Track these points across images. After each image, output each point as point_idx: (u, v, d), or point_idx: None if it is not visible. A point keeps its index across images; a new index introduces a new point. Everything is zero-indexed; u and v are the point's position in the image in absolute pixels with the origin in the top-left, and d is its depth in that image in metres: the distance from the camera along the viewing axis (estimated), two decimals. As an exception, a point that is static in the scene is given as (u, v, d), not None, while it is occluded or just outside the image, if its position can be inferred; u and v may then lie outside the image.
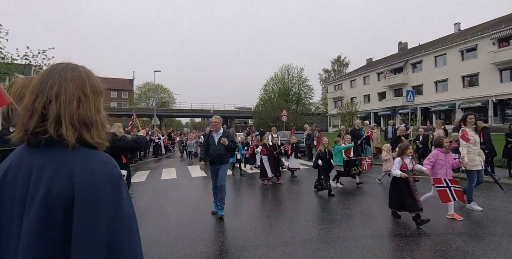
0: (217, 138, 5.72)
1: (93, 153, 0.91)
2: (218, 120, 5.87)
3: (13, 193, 0.86)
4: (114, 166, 0.91)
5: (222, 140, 5.58)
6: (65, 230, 0.79)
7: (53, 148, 0.88)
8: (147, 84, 64.10)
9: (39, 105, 0.89)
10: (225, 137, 5.66)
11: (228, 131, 6.05)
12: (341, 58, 62.21)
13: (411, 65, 37.59)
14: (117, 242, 0.83)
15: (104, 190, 0.84)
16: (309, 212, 6.00)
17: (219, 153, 5.63)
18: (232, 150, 5.93)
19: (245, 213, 6.09)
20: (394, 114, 37.37)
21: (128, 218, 0.88)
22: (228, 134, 5.83)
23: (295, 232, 4.73)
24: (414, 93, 14.61)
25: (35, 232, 0.79)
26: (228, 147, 5.66)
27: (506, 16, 31.43)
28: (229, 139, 5.68)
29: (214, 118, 5.91)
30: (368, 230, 4.76)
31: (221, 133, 5.77)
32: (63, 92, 0.91)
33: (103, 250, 0.80)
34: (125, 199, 0.88)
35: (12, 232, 0.84)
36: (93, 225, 0.80)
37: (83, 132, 0.90)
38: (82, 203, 0.80)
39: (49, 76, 0.93)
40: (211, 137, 5.82)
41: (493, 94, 27.51)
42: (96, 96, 0.98)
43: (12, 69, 13.72)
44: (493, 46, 27.88)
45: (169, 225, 5.22)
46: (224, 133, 5.80)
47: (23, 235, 0.80)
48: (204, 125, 79.41)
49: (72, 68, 0.97)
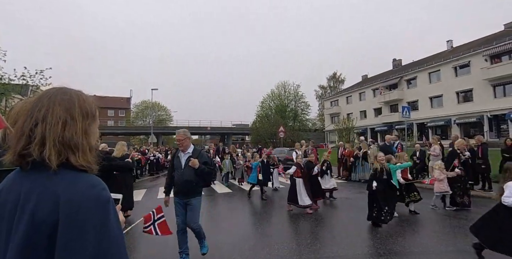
0: (184, 159, 4.26)
1: (79, 176, 0.90)
2: (182, 136, 4.28)
3: (2, 217, 0.87)
4: (103, 189, 0.90)
5: (191, 161, 4.10)
6: (50, 254, 0.79)
7: (40, 170, 0.88)
8: (144, 102, 64.51)
9: (27, 127, 0.90)
10: (196, 157, 4.17)
11: (200, 149, 4.53)
12: (336, 74, 63.19)
13: (405, 81, 38.15)
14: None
15: (89, 213, 0.82)
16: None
17: (187, 180, 4.17)
18: (206, 176, 4.30)
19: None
20: (390, 130, 37.54)
21: (115, 242, 0.86)
22: (199, 153, 4.30)
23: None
24: (410, 109, 14.76)
25: (19, 254, 0.79)
26: (199, 172, 4.14)
27: (497, 33, 32.27)
28: (202, 161, 4.18)
29: (178, 134, 4.33)
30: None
31: (190, 152, 4.26)
32: (50, 114, 0.91)
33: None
34: (112, 223, 0.87)
35: (0, 251, 0.84)
36: (77, 249, 0.79)
37: (68, 155, 0.90)
38: (66, 227, 0.80)
39: (40, 100, 0.94)
40: (177, 158, 4.37)
41: (487, 110, 27.81)
42: (85, 119, 0.98)
43: (9, 89, 13.74)
44: (486, 63, 28.43)
45: (165, 246, 5.11)
46: (195, 152, 4.28)
47: (9, 256, 0.80)
48: (201, 142, 79.40)
49: (63, 92, 0.98)
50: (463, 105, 30.73)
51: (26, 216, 0.81)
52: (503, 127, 27.78)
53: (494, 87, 27.99)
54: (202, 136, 76.83)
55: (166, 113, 66.55)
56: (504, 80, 26.71)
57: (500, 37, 29.05)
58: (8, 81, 13.38)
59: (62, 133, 0.90)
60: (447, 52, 36.89)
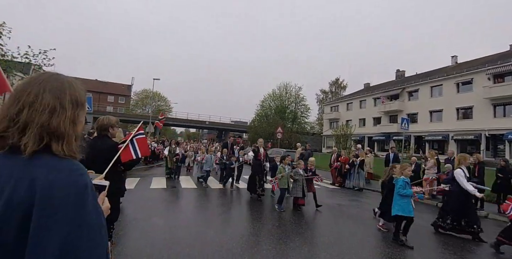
0: None
1: (58, 161, 0.88)
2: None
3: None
4: (80, 174, 0.88)
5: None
6: (21, 243, 0.78)
7: (19, 155, 0.86)
8: (145, 91, 64.23)
9: (13, 110, 0.88)
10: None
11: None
12: (339, 80, 63.22)
13: (407, 93, 38.25)
14: (74, 253, 0.80)
15: (65, 201, 0.81)
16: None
17: None
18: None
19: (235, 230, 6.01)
20: (388, 140, 37.68)
21: (90, 229, 0.84)
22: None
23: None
24: (409, 121, 14.80)
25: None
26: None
27: (502, 53, 32.42)
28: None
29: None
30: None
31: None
32: (38, 101, 0.89)
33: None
34: (89, 209, 0.85)
35: None
36: (48, 237, 0.77)
37: (51, 143, 0.89)
38: (40, 211, 0.78)
39: (31, 84, 0.92)
40: None
41: (486, 128, 27.95)
42: (74, 108, 0.96)
43: (11, 66, 13.69)
44: (489, 81, 28.56)
45: (154, 237, 5.11)
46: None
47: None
48: (199, 135, 79.33)
49: (55, 78, 0.96)
50: (462, 122, 30.88)
51: (3, 200, 0.80)
52: (500, 147, 27.95)
53: (494, 107, 28.14)
54: (200, 129, 76.83)
55: (165, 104, 66.30)
56: (505, 100, 26.87)
57: (505, 57, 29.24)
58: (11, 58, 13.31)
59: (48, 120, 0.89)
60: (451, 67, 37.06)
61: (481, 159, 9.74)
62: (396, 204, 5.54)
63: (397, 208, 5.49)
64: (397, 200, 5.57)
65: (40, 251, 0.76)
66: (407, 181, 5.63)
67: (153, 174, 13.60)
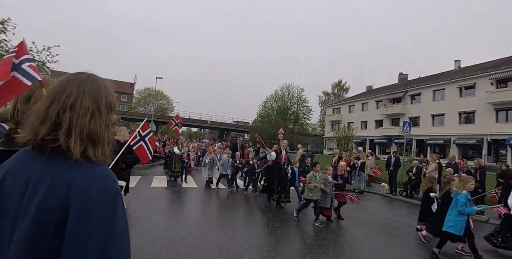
0: None
1: (94, 167, 0.90)
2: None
3: (9, 200, 0.85)
4: (113, 182, 0.90)
5: None
6: (57, 242, 0.79)
7: (56, 158, 0.87)
8: (147, 89, 64.27)
9: (53, 112, 0.88)
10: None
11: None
12: (341, 82, 63.16)
13: (410, 96, 38.17)
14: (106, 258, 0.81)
15: (99, 205, 0.82)
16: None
17: None
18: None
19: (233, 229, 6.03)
20: (389, 143, 37.63)
21: (121, 235, 0.85)
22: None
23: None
24: (411, 125, 14.79)
25: (26, 242, 0.79)
26: None
27: (506, 58, 32.32)
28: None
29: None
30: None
31: None
32: (79, 104, 0.90)
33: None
34: (119, 215, 0.86)
35: (5, 238, 0.83)
36: (84, 240, 0.78)
37: (88, 147, 0.89)
38: (76, 217, 0.79)
39: (68, 85, 0.92)
40: None
41: (488, 133, 27.88)
42: (108, 113, 0.98)
43: None
44: (491, 86, 28.51)
45: (155, 235, 5.14)
46: None
47: (14, 244, 0.80)
48: (201, 135, 79.37)
49: (92, 81, 0.96)
50: (464, 126, 30.82)
51: (37, 201, 0.81)
52: (501, 152, 27.89)
53: (497, 111, 28.08)
54: (202, 129, 76.86)
55: (168, 103, 66.33)
56: (508, 105, 26.82)
57: (508, 62, 29.19)
58: None
59: (88, 124, 0.90)
60: (454, 71, 37.00)
61: (483, 163, 9.73)
62: (451, 220, 5.03)
63: (451, 225, 4.99)
64: (453, 216, 5.05)
65: (77, 256, 0.78)
66: (469, 197, 5.12)
67: (154, 173, 13.64)
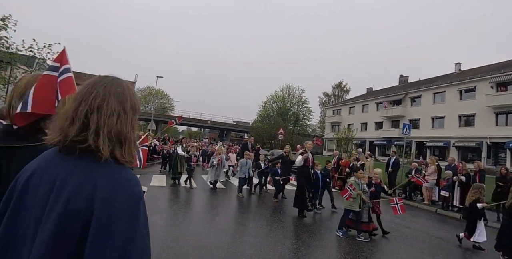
0: None
1: (120, 169, 0.91)
2: None
3: (34, 199, 0.86)
4: (136, 185, 0.90)
5: None
6: (79, 245, 0.79)
7: (83, 159, 0.88)
8: (148, 88, 64.27)
9: (82, 113, 0.90)
10: None
11: None
12: (342, 83, 63.20)
13: (410, 98, 38.17)
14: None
15: (123, 209, 0.83)
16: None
17: None
18: None
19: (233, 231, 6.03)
20: (389, 145, 37.63)
21: (142, 239, 0.85)
22: None
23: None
24: (411, 127, 14.79)
25: (49, 243, 0.78)
26: None
27: (506, 61, 32.34)
28: None
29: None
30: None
31: None
32: (105, 105, 0.92)
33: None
34: (141, 219, 0.87)
35: (26, 238, 0.83)
36: (107, 243, 0.79)
37: (115, 148, 0.91)
38: (100, 220, 0.79)
39: (94, 87, 0.94)
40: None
41: (488, 136, 27.87)
42: (134, 114, 1.00)
43: (15, 59, 13.72)
44: (491, 90, 28.52)
45: (153, 235, 5.13)
46: None
47: (37, 245, 0.80)
48: (201, 134, 79.34)
49: (118, 83, 0.99)
50: (464, 129, 30.82)
51: (61, 202, 0.81)
52: (501, 156, 27.88)
53: (496, 115, 28.09)
54: (202, 128, 76.83)
55: (168, 102, 66.34)
56: (508, 109, 26.82)
57: (508, 65, 29.20)
58: (15, 51, 13.37)
59: (115, 125, 0.91)
60: (455, 74, 37.01)
61: (482, 167, 9.74)
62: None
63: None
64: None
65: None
66: None
67: (153, 172, 13.64)
